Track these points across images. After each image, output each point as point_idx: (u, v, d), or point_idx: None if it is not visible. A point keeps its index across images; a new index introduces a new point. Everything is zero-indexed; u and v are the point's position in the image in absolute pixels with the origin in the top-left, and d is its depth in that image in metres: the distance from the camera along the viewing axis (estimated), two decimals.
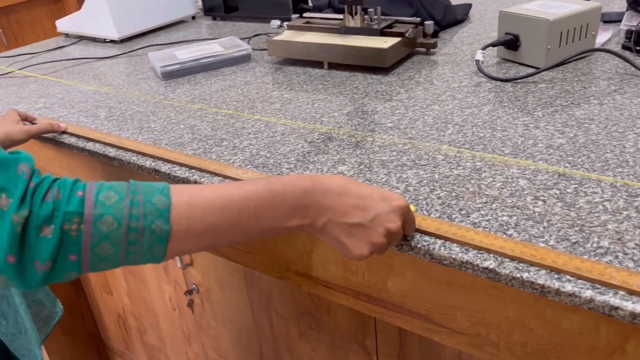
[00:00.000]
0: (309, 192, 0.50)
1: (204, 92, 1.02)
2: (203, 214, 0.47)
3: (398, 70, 1.02)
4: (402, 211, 0.52)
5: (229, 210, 0.48)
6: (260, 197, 0.49)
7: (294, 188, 0.50)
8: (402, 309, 0.63)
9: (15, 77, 1.22)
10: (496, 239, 0.53)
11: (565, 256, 0.50)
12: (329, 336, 0.95)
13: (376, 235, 0.51)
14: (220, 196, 0.48)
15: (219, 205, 0.48)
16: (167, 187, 0.48)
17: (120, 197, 0.45)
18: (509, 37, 0.96)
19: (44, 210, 0.42)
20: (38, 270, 0.43)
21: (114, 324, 1.53)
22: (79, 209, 0.43)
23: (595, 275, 0.47)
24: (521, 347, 0.55)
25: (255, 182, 0.50)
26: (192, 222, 0.47)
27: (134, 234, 0.45)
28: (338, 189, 0.51)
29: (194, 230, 0.47)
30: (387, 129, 0.79)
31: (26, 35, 3.06)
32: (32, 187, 0.43)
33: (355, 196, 0.51)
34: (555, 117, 0.77)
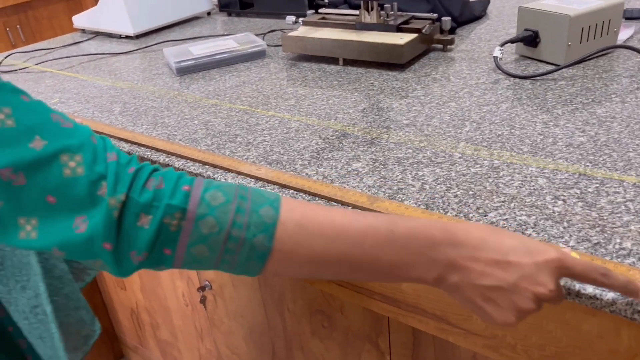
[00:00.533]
0: (439, 244, 0.43)
1: (219, 88, 1.01)
2: (312, 238, 0.42)
3: (414, 66, 1.01)
4: (555, 267, 0.42)
5: (341, 241, 0.42)
6: (379, 236, 0.43)
7: (421, 235, 0.43)
8: (416, 309, 0.62)
9: (32, 72, 1.22)
10: None
11: (586, 258, 0.49)
12: (342, 335, 0.94)
13: (522, 300, 0.42)
14: (335, 224, 0.43)
15: (331, 234, 0.42)
16: (279, 199, 0.43)
17: (227, 199, 0.42)
18: (528, 33, 0.94)
19: (144, 197, 0.40)
20: (134, 260, 0.41)
21: (128, 319, 1.54)
22: (183, 203, 0.41)
23: None
24: (539, 350, 0.54)
25: (377, 217, 0.44)
26: (298, 245, 0.42)
27: (233, 243, 0.41)
28: (474, 243, 0.42)
29: (298, 255, 0.42)
30: (403, 126, 0.78)
31: (44, 31, 3.09)
32: (132, 172, 0.41)
33: (494, 252, 0.42)
34: (575, 115, 0.75)
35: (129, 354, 1.66)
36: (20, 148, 0.39)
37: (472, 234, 0.43)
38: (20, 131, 0.39)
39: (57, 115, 0.42)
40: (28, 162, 0.39)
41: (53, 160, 0.40)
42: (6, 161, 0.39)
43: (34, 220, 0.40)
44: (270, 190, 0.44)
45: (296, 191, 0.65)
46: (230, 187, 0.43)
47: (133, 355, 1.64)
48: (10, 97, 0.40)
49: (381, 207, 0.59)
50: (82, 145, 0.41)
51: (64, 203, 0.40)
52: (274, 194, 0.44)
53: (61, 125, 0.42)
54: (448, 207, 0.59)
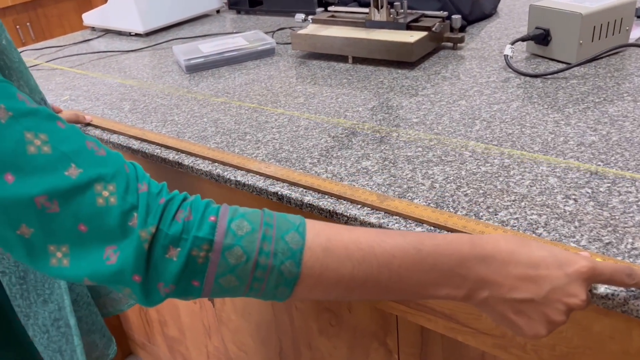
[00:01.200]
0: (467, 260, 0.42)
1: (228, 85, 1.01)
2: (339, 263, 0.42)
3: (424, 65, 1.00)
4: (586, 277, 0.42)
5: (368, 264, 0.42)
6: (407, 256, 0.42)
7: (449, 252, 0.43)
8: (425, 307, 0.61)
9: (43, 70, 1.23)
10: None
11: (598, 257, 0.48)
12: (349, 333, 0.94)
13: (554, 313, 0.42)
14: (361, 246, 0.43)
15: (358, 257, 0.42)
16: (304, 223, 0.44)
17: (253, 228, 0.42)
18: (540, 31, 0.94)
19: (173, 230, 0.41)
20: (161, 291, 0.41)
21: (136, 316, 1.55)
22: (210, 235, 0.41)
23: None
24: (549, 349, 0.53)
25: (404, 236, 0.44)
26: (326, 269, 0.42)
27: (262, 271, 0.41)
28: (503, 257, 0.42)
29: (325, 279, 0.42)
30: (413, 124, 0.78)
31: (53, 29, 3.11)
32: (163, 204, 0.42)
33: (525, 264, 0.42)
34: (587, 114, 0.75)
35: (137, 351, 1.67)
36: (56, 176, 0.39)
37: (501, 247, 0.43)
38: (56, 158, 0.39)
39: (92, 142, 0.42)
40: (63, 191, 0.39)
41: (87, 189, 0.40)
42: (42, 189, 0.39)
43: (64, 247, 0.40)
44: (295, 215, 0.44)
45: (305, 189, 0.65)
46: (255, 214, 0.43)
47: (141, 352, 1.65)
48: (46, 123, 0.40)
49: (391, 206, 0.59)
50: (116, 174, 0.41)
51: (96, 232, 0.40)
52: (298, 218, 0.44)
53: (96, 154, 0.42)
54: (458, 206, 0.58)
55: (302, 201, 0.64)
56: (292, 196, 0.65)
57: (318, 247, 0.42)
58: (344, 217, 0.61)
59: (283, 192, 0.66)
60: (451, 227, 0.55)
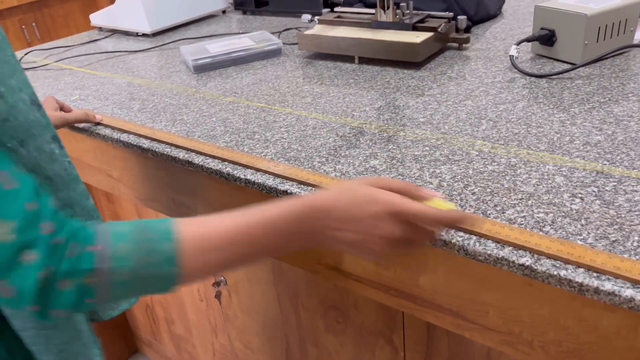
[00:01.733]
0: (302, 221, 0.52)
1: (235, 85, 1.02)
2: (210, 255, 0.51)
3: (430, 65, 1.01)
4: (391, 213, 0.49)
5: (233, 249, 0.52)
6: (258, 232, 0.52)
7: (289, 218, 0.52)
8: (433, 304, 0.62)
9: (51, 70, 1.24)
10: (532, 236, 0.53)
11: (604, 255, 0.49)
12: (356, 330, 0.95)
13: (375, 245, 0.51)
14: (223, 236, 0.51)
15: (224, 245, 0.51)
16: (177, 231, 0.50)
17: (130, 247, 0.48)
18: (545, 32, 0.94)
19: (64, 266, 0.46)
20: (59, 315, 0.48)
21: (142, 314, 1.56)
22: (93, 264, 0.47)
23: (635, 275, 0.46)
24: (556, 346, 0.54)
25: (254, 215, 0.52)
26: (201, 264, 0.51)
27: (146, 281, 0.49)
28: (328, 210, 0.51)
29: (203, 270, 0.51)
30: (420, 124, 0.79)
31: (59, 29, 3.12)
32: (58, 242, 0.46)
33: (342, 212, 0.51)
34: (592, 114, 0.75)
35: (144, 349, 1.68)
36: None
37: (327, 201, 0.52)
38: None
39: (4, 173, 0.46)
40: None
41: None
42: None
43: None
44: (165, 219, 0.52)
45: (315, 188, 0.66)
46: (129, 234, 0.49)
47: (147, 349, 1.66)
48: None
49: None
50: (17, 211, 0.45)
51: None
52: (169, 226, 0.50)
53: (3, 187, 0.45)
54: (466, 204, 0.59)
55: None
56: (302, 194, 0.66)
57: (190, 250, 0.50)
58: None
59: (292, 190, 0.67)
60: (460, 225, 0.55)
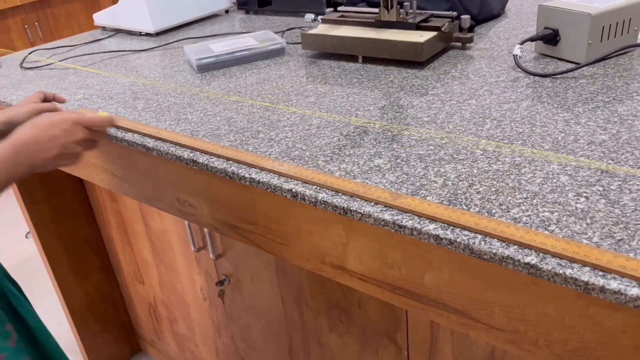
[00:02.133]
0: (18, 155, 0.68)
1: (239, 84, 1.03)
2: None
3: (433, 64, 1.01)
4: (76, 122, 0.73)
5: None
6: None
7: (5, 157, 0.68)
8: (438, 303, 0.62)
9: (56, 69, 1.25)
10: (537, 235, 0.53)
11: (610, 254, 0.49)
12: (359, 330, 0.95)
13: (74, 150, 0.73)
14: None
15: None
16: None
17: None
18: (549, 31, 0.94)
19: None
20: None
21: (145, 313, 1.56)
22: None
23: None
24: (561, 344, 0.54)
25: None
26: None
27: None
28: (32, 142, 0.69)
29: None
30: (424, 123, 0.79)
31: (62, 29, 3.12)
32: None
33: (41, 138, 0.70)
34: (596, 113, 0.75)
35: (147, 348, 1.68)
36: None
37: (28, 135, 0.69)
38: None
39: None
40: None
41: None
42: None
43: None
44: None
45: (319, 187, 0.66)
46: None
47: (150, 349, 1.66)
48: None
49: (404, 203, 0.60)
50: None
51: None
52: None
53: None
54: (471, 203, 0.59)
55: (317, 198, 0.65)
56: (307, 193, 0.66)
57: None
58: (358, 214, 0.62)
59: (297, 189, 0.67)
60: (464, 225, 0.55)
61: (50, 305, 1.99)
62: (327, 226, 0.68)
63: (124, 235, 1.40)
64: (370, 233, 0.64)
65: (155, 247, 1.32)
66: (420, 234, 0.57)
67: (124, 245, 1.43)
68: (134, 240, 1.38)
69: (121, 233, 1.41)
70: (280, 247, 0.77)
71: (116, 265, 1.53)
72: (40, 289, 2.09)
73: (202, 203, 0.84)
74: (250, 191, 0.74)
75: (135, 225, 1.33)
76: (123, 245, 1.43)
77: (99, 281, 1.55)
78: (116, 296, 1.60)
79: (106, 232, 1.47)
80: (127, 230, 1.38)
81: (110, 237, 1.47)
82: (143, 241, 1.35)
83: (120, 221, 1.38)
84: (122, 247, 1.44)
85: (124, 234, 1.40)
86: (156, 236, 1.29)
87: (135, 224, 1.33)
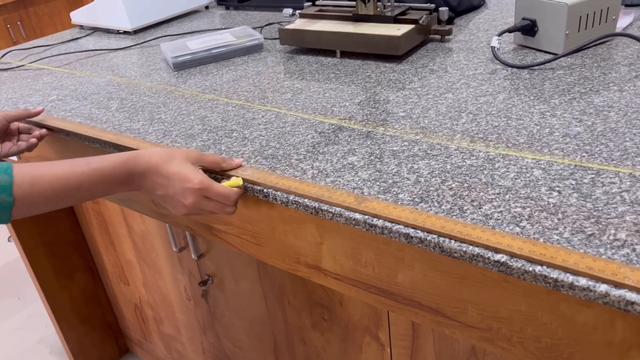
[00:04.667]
0: (131, 176, 0.66)
1: (215, 82, 1.01)
2: (44, 191, 0.61)
3: (411, 58, 1.00)
4: (196, 190, 0.65)
5: (67, 187, 0.63)
6: (91, 179, 0.64)
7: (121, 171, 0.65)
8: (412, 302, 0.62)
9: (30, 70, 1.22)
10: (504, 237, 0.52)
11: (577, 255, 0.48)
12: (342, 327, 0.95)
13: (178, 206, 0.67)
14: (59, 177, 0.62)
15: (58, 185, 0.62)
16: (11, 167, 0.60)
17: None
18: (526, 22, 0.93)
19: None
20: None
21: (131, 314, 1.55)
22: None
23: (608, 275, 0.45)
24: (534, 341, 0.54)
25: (89, 164, 0.64)
26: (35, 196, 0.61)
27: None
28: (152, 170, 0.66)
29: (36, 202, 0.61)
30: (399, 119, 0.78)
31: (44, 28, 3.09)
32: None
33: (162, 176, 0.66)
34: (572, 105, 0.75)
35: (134, 349, 1.67)
36: None
37: (152, 162, 0.66)
38: None
39: None
40: None
41: None
42: None
43: None
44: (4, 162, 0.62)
45: (286, 193, 0.65)
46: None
47: (138, 349, 1.65)
48: None
49: (369, 207, 0.58)
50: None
51: None
52: (7, 164, 0.61)
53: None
54: (443, 200, 0.58)
55: (288, 198, 0.64)
56: (278, 193, 0.65)
57: (25, 183, 0.60)
58: (329, 214, 0.61)
59: (268, 190, 0.66)
60: (429, 228, 0.54)
61: (38, 308, 1.97)
62: (300, 226, 0.67)
63: (107, 237, 1.39)
64: (343, 232, 0.63)
65: (138, 248, 1.31)
66: (391, 232, 0.57)
67: (107, 247, 1.42)
68: (117, 241, 1.36)
69: (104, 234, 1.39)
70: (256, 247, 0.75)
71: (100, 266, 1.52)
72: (28, 292, 2.07)
73: None
74: None
75: (118, 226, 1.32)
76: (106, 246, 1.42)
77: (83, 283, 1.53)
78: (102, 297, 1.59)
79: (89, 233, 1.45)
80: (109, 232, 1.36)
81: (93, 239, 1.45)
82: (126, 242, 1.33)
83: (102, 222, 1.36)
84: (105, 248, 1.43)
85: (107, 235, 1.38)
86: (138, 237, 1.28)
87: (117, 225, 1.32)
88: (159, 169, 0.66)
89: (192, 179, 0.65)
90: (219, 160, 0.70)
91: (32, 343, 1.85)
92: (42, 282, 1.45)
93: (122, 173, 0.65)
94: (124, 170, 0.65)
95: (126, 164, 0.66)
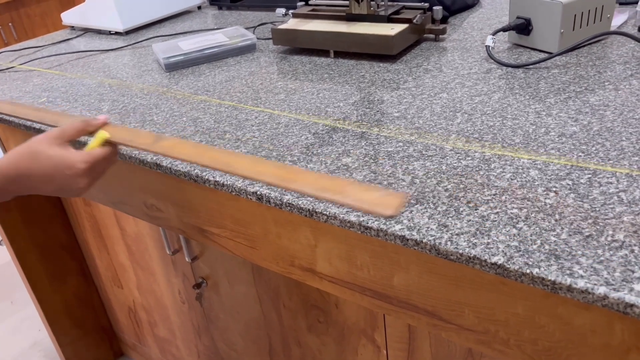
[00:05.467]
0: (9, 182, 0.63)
1: (208, 83, 1.00)
2: None
3: (406, 57, 0.99)
4: (84, 171, 0.62)
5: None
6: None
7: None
8: (408, 304, 0.61)
9: (20, 71, 1.21)
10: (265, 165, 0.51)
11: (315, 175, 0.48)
12: (338, 330, 0.94)
13: (75, 191, 0.64)
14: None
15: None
16: None
17: None
18: (521, 21, 0.93)
19: None
20: None
21: (125, 317, 1.53)
22: None
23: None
24: (531, 344, 0.53)
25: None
26: None
27: None
28: (27, 176, 0.63)
29: None
30: (394, 119, 0.77)
31: (36, 29, 3.06)
32: None
33: (38, 175, 0.62)
34: (568, 104, 0.74)
35: (129, 352, 1.66)
36: None
37: (24, 169, 0.63)
38: None
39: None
40: None
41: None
42: None
43: None
44: None
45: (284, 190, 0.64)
46: None
47: (132, 353, 1.64)
48: None
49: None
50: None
51: None
52: None
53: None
54: (438, 202, 0.58)
55: (282, 200, 0.63)
56: (272, 195, 0.64)
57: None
58: (324, 216, 0.60)
59: (262, 191, 0.65)
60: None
61: (31, 312, 1.95)
62: (294, 228, 0.66)
63: (100, 239, 1.37)
64: (337, 234, 0.62)
65: (131, 251, 1.30)
66: (386, 235, 0.56)
67: (100, 249, 1.40)
68: (110, 244, 1.35)
69: (97, 237, 1.38)
70: (249, 250, 0.75)
71: (94, 269, 1.50)
72: (21, 296, 2.05)
73: (169, 207, 0.81)
74: (216, 194, 0.72)
75: (110, 228, 1.30)
76: (99, 249, 1.41)
77: (76, 286, 1.51)
78: (95, 301, 1.57)
79: (82, 236, 1.44)
80: (102, 234, 1.35)
81: (86, 242, 1.44)
82: (119, 245, 1.32)
83: (95, 225, 1.35)
84: (98, 251, 1.42)
85: (100, 237, 1.37)
86: (132, 240, 1.27)
87: (110, 228, 1.31)
88: (31, 171, 0.63)
89: (73, 164, 0.62)
90: (82, 126, 0.66)
91: (26, 347, 1.83)
92: (35, 286, 1.43)
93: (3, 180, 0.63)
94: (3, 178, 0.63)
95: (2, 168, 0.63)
